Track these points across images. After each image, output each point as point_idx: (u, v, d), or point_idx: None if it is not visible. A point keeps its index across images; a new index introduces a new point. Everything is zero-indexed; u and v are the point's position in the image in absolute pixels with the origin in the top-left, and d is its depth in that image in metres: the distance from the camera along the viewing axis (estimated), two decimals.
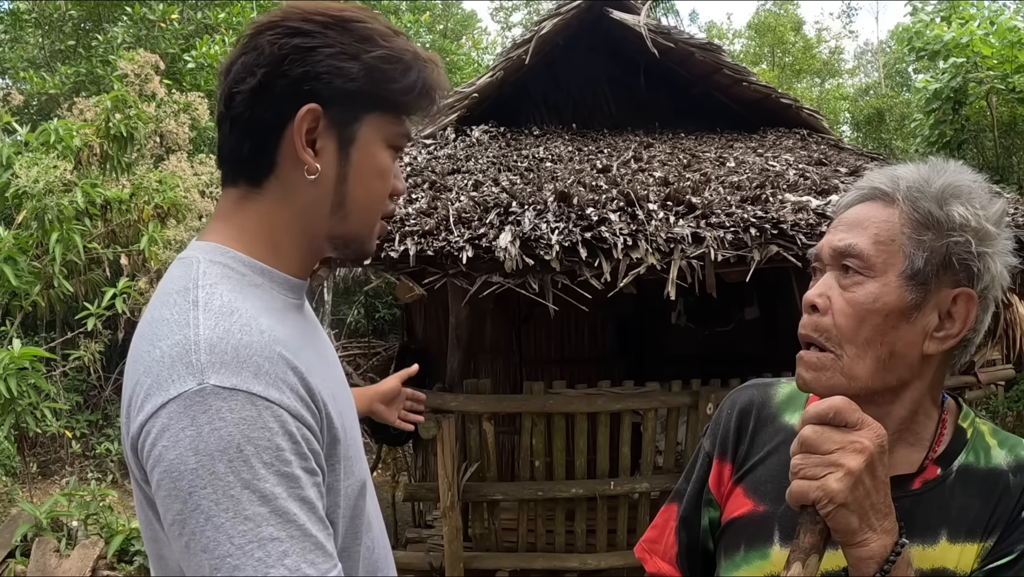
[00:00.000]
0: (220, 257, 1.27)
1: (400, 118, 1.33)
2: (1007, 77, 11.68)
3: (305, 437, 1.16)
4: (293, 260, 1.34)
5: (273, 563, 1.07)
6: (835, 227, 1.30)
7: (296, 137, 1.26)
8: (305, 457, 1.15)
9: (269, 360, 1.15)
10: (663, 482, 5.82)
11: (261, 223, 1.31)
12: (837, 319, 1.23)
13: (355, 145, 1.30)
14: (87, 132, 8.16)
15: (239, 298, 1.21)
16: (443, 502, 5.56)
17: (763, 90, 8.25)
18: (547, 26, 7.61)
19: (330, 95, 1.26)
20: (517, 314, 8.00)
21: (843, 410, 1.11)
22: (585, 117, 8.61)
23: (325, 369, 1.36)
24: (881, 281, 1.21)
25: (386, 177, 1.34)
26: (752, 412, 1.49)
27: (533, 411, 5.74)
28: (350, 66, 1.26)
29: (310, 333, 1.40)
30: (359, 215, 1.33)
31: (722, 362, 7.04)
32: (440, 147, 7.22)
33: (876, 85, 25.92)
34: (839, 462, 1.08)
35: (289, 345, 1.21)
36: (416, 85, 1.31)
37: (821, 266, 1.30)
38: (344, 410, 1.35)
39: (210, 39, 12.39)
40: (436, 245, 4.71)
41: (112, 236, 8.71)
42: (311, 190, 1.29)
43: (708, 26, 31.99)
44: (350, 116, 1.29)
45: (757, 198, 5.36)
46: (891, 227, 1.23)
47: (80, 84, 12.15)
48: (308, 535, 1.11)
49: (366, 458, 1.46)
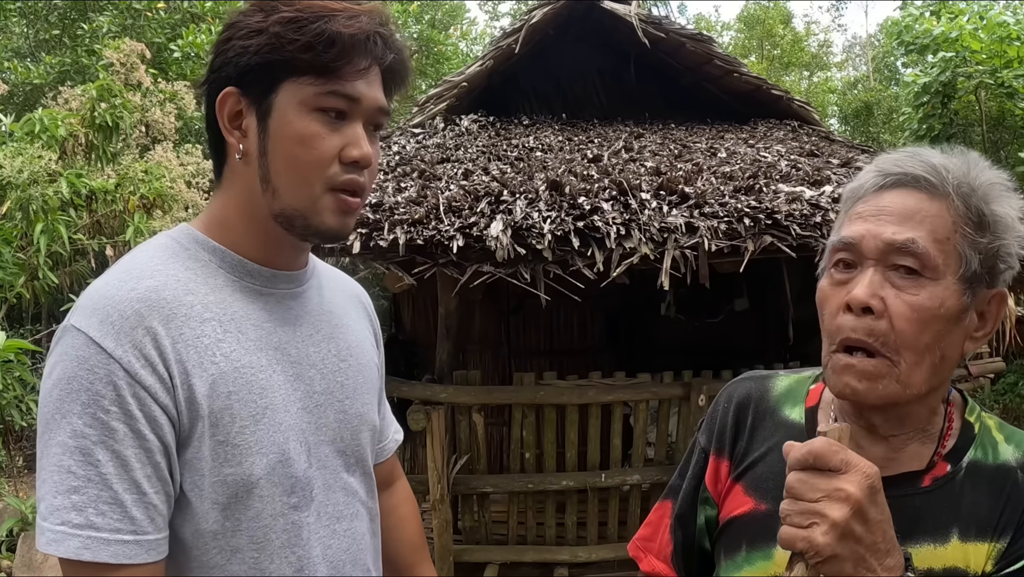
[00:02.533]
0: (176, 233, 1.37)
1: (321, 77, 1.27)
2: (996, 72, 11.70)
3: (138, 396, 1.18)
4: (247, 244, 1.37)
5: (61, 492, 1.15)
6: (875, 216, 1.18)
7: (220, 122, 1.32)
8: (131, 416, 1.18)
9: (121, 314, 1.20)
10: (654, 474, 5.79)
11: (219, 208, 1.39)
12: (897, 324, 1.13)
13: (272, 116, 1.29)
14: (72, 122, 8.09)
15: (157, 263, 1.29)
16: (432, 495, 5.52)
17: (754, 81, 8.25)
18: (537, 15, 7.59)
19: (240, 74, 1.30)
20: (506, 305, 7.98)
21: (823, 454, 1.03)
22: (575, 107, 8.59)
23: (272, 357, 1.35)
24: (943, 284, 1.13)
25: (308, 142, 1.28)
26: (750, 406, 1.43)
27: (523, 403, 5.70)
28: (253, 41, 1.28)
29: (278, 321, 1.39)
30: (288, 187, 1.30)
31: (712, 354, 7.04)
32: (429, 136, 7.17)
33: (865, 79, 26.06)
34: (823, 513, 1.01)
35: (177, 311, 1.25)
36: (320, 38, 1.25)
37: (855, 259, 1.19)
38: (265, 402, 1.31)
39: (196, 28, 12.32)
40: (426, 234, 4.65)
41: (97, 227, 8.62)
42: (246, 171, 1.34)
43: (696, 19, 32.05)
44: (264, 89, 1.29)
45: (750, 188, 5.33)
46: (945, 224, 1.14)
47: (65, 74, 12.07)
48: (108, 487, 1.16)
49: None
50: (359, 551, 1.49)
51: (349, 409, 1.48)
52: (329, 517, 1.42)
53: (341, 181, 1.31)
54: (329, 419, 1.43)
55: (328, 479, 1.42)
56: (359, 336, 1.58)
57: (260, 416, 1.29)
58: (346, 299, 1.62)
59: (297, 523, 1.35)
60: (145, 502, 1.18)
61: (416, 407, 5.50)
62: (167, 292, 1.25)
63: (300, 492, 1.35)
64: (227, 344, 1.28)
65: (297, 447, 1.35)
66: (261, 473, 1.29)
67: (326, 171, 1.29)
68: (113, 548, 1.15)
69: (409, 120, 7.60)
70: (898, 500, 1.15)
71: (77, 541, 1.14)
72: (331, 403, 1.44)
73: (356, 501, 1.50)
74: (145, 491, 1.18)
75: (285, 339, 1.39)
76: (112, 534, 1.15)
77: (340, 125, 1.30)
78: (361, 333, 1.60)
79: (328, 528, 1.41)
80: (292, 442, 1.34)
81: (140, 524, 1.18)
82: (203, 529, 1.26)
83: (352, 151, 1.30)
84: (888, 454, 1.25)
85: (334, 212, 1.32)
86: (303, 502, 1.36)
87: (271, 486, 1.30)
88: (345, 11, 1.28)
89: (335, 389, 1.45)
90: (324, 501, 1.41)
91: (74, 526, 1.14)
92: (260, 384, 1.30)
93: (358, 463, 1.51)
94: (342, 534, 1.44)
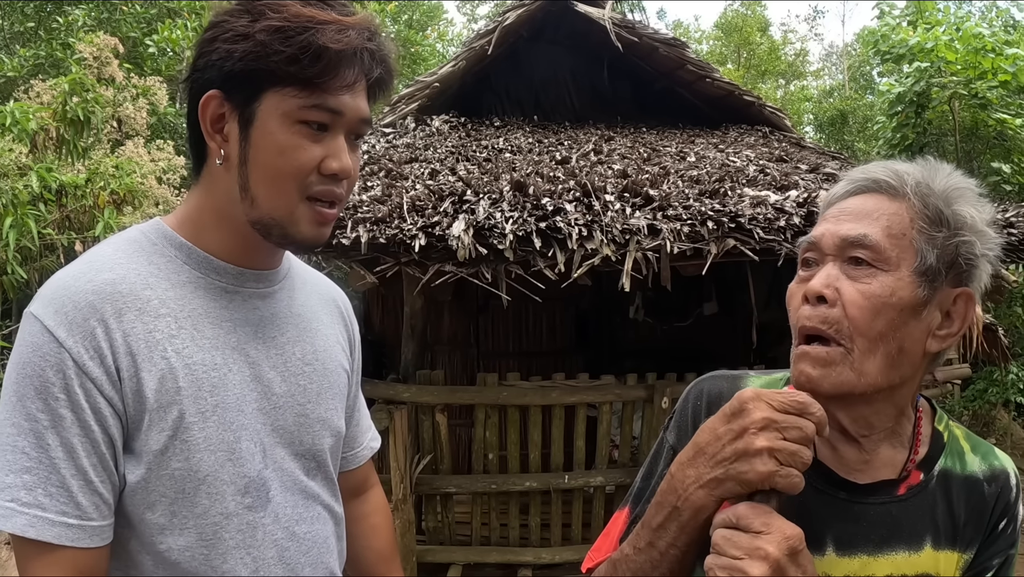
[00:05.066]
0: (146, 228, 1.38)
1: (305, 90, 1.26)
2: (970, 83, 11.80)
3: (85, 387, 1.21)
4: (218, 243, 1.37)
5: (14, 471, 1.19)
6: (836, 217, 1.25)
7: (202, 125, 1.31)
8: (78, 406, 1.21)
9: (75, 305, 1.22)
10: (618, 476, 5.81)
11: (193, 207, 1.39)
12: (849, 311, 1.17)
13: (254, 125, 1.28)
14: (44, 115, 8.03)
15: (120, 257, 1.31)
16: (395, 495, 5.50)
17: (726, 87, 8.28)
18: (511, 17, 7.59)
19: (224, 79, 1.28)
20: (474, 306, 7.97)
21: (745, 516, 1.08)
22: (547, 109, 8.60)
23: (228, 357, 1.35)
24: (895, 275, 1.18)
25: (289, 154, 1.28)
26: (722, 404, 1.43)
27: (487, 403, 5.69)
28: (239, 46, 1.26)
29: (240, 321, 1.39)
30: (267, 197, 1.30)
31: (681, 357, 7.05)
32: (399, 136, 7.16)
33: (840, 87, 26.20)
34: (743, 569, 1.05)
35: (131, 304, 1.26)
36: (306, 51, 1.24)
37: (818, 256, 1.25)
38: (216, 400, 1.32)
39: (172, 23, 12.24)
40: (389, 233, 4.63)
41: (67, 222, 8.56)
42: (225, 176, 1.33)
43: (675, 24, 32.17)
44: (248, 96, 1.28)
45: (716, 192, 5.34)
46: (902, 220, 1.20)
47: (39, 67, 11.98)
48: (57, 471, 1.20)
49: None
50: (320, 554, 1.48)
51: (311, 413, 1.47)
52: (288, 519, 1.42)
53: (317, 190, 1.31)
54: (288, 421, 1.43)
55: (286, 481, 1.42)
56: (328, 340, 1.57)
57: (210, 413, 1.30)
58: (320, 302, 1.61)
59: (252, 524, 1.35)
60: (91, 489, 1.22)
61: (379, 406, 5.49)
62: (124, 285, 1.27)
63: (255, 493, 1.35)
64: (180, 340, 1.29)
65: (250, 447, 1.35)
66: (208, 470, 1.30)
67: (304, 181, 1.30)
68: (57, 529, 1.20)
69: (380, 119, 7.58)
70: (876, 508, 1.25)
71: (24, 519, 1.18)
72: (291, 406, 1.43)
73: (317, 505, 1.49)
74: (91, 479, 1.22)
75: (245, 339, 1.38)
76: (58, 516, 1.20)
77: (322, 137, 1.30)
78: (331, 337, 1.59)
79: (286, 530, 1.41)
80: (244, 442, 1.34)
81: (85, 510, 1.21)
82: (150, 520, 1.28)
83: (332, 163, 1.30)
84: (861, 456, 1.28)
85: (310, 223, 1.33)
86: (258, 503, 1.36)
87: (220, 484, 1.31)
88: (334, 23, 1.26)
89: (296, 392, 1.45)
90: (282, 503, 1.41)
91: (23, 504, 1.19)
92: (212, 382, 1.31)
93: (319, 467, 1.51)
94: (301, 537, 1.44)
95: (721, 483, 1.11)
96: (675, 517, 1.16)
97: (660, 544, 1.18)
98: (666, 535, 1.17)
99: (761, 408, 1.09)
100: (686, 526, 1.15)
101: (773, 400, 1.10)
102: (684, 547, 1.17)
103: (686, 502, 1.14)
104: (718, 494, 1.11)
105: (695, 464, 1.14)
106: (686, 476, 1.15)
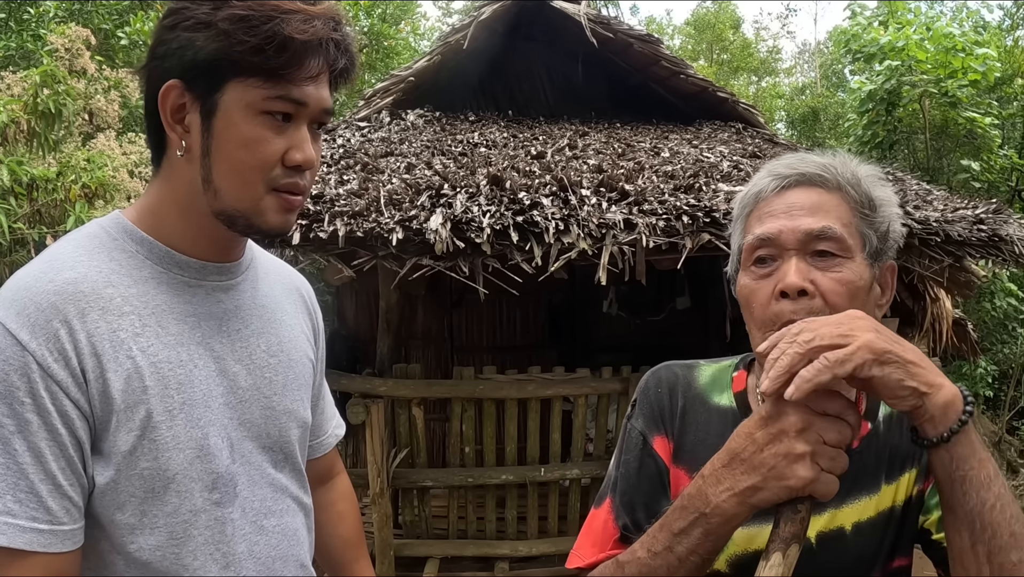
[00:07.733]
0: (106, 222, 1.34)
1: (269, 81, 1.24)
2: (940, 81, 11.95)
3: (50, 390, 1.18)
4: (179, 236, 1.35)
5: None
6: (786, 212, 1.30)
7: (162, 115, 1.28)
8: (44, 410, 1.18)
9: (37, 306, 1.19)
10: (594, 469, 5.85)
11: (154, 199, 1.35)
12: (830, 299, 1.24)
13: (216, 116, 1.26)
14: (14, 108, 7.93)
15: (80, 254, 1.28)
16: (372, 489, 5.51)
17: (700, 83, 8.32)
18: (487, 12, 7.59)
19: (185, 69, 1.25)
20: (449, 300, 7.98)
21: None
22: (521, 104, 8.63)
23: (193, 352, 1.33)
24: (856, 261, 1.27)
25: (253, 146, 1.26)
26: (679, 390, 1.50)
27: (463, 396, 5.71)
28: (201, 35, 1.23)
29: (204, 315, 1.37)
30: (229, 189, 1.28)
31: (654, 351, 7.07)
32: (374, 130, 7.14)
33: (812, 85, 26.35)
34: (853, 333, 1.05)
35: (94, 304, 1.23)
36: (271, 41, 1.21)
37: (775, 252, 1.30)
38: (183, 397, 1.30)
39: (144, 15, 12.12)
40: (366, 226, 4.63)
41: (38, 216, 8.45)
42: (186, 167, 1.31)
43: (648, 20, 32.23)
44: (210, 87, 1.25)
45: (690, 187, 5.38)
46: (845, 211, 1.29)
47: (10, 59, 11.80)
48: (25, 477, 1.16)
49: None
50: (291, 547, 1.48)
51: (277, 405, 1.46)
52: (256, 513, 1.41)
53: (283, 184, 1.30)
54: (254, 415, 1.42)
55: (253, 475, 1.41)
56: (293, 331, 1.56)
57: (177, 411, 1.28)
58: (284, 292, 1.60)
59: (221, 519, 1.34)
60: (61, 493, 1.19)
61: (356, 400, 5.49)
62: (86, 284, 1.24)
63: (222, 488, 1.34)
64: (145, 338, 1.27)
65: (219, 442, 1.34)
66: (178, 468, 1.28)
67: (269, 173, 1.28)
68: (28, 536, 1.16)
69: (355, 113, 7.56)
70: None
71: None
72: (257, 399, 1.42)
73: (286, 497, 1.49)
74: (60, 483, 1.19)
75: (210, 333, 1.37)
76: (28, 522, 1.16)
77: (286, 128, 1.28)
78: (296, 328, 1.58)
79: (255, 524, 1.40)
80: (212, 437, 1.33)
81: (55, 514, 1.19)
82: (120, 521, 1.26)
83: (296, 155, 1.29)
84: None
85: (276, 211, 1.31)
86: (226, 498, 1.35)
87: (189, 481, 1.30)
88: (299, 13, 1.24)
89: (262, 385, 1.44)
90: (249, 497, 1.40)
91: None
92: (178, 379, 1.29)
93: (287, 459, 1.50)
94: (271, 531, 1.43)
95: (757, 491, 1.08)
96: (700, 523, 1.14)
97: (679, 549, 1.16)
98: (687, 540, 1.15)
99: (799, 409, 1.08)
100: (711, 533, 1.13)
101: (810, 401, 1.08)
102: (706, 554, 1.15)
103: (716, 509, 1.12)
104: (753, 502, 1.09)
105: (730, 471, 1.12)
106: (719, 482, 1.12)
